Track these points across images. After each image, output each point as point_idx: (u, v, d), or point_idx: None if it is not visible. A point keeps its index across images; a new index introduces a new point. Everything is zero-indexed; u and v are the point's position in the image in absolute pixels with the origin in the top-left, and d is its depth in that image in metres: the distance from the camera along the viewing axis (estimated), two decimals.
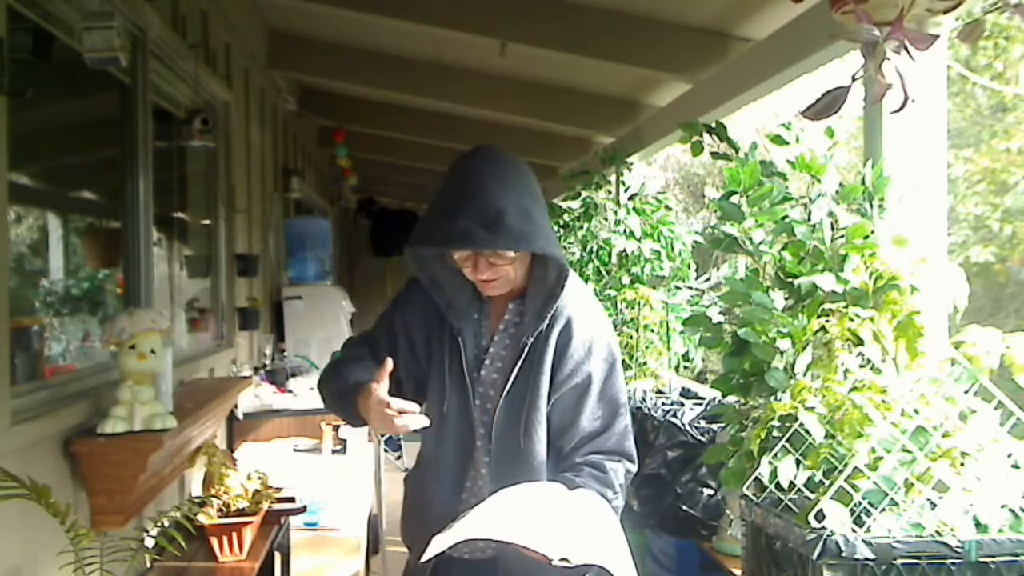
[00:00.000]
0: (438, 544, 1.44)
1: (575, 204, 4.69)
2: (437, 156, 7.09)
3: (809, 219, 1.95)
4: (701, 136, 2.39)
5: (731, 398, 2.02)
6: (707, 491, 2.58)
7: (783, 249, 1.98)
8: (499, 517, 1.46)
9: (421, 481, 1.80)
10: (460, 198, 1.61)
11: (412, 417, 1.58)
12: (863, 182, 1.97)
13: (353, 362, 1.80)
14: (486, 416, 1.72)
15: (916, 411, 1.55)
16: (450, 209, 1.61)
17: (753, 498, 1.65)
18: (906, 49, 1.28)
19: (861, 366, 1.69)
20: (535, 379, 1.68)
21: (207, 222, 4.15)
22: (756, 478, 1.62)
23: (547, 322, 1.68)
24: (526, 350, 1.68)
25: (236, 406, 3.93)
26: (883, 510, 1.45)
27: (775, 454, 1.59)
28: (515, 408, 1.68)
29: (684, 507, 2.59)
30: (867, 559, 1.39)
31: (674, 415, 2.75)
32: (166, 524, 2.12)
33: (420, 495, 1.80)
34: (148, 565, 2.29)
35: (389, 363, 1.62)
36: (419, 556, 1.68)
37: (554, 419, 1.70)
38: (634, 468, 1.74)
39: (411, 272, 1.78)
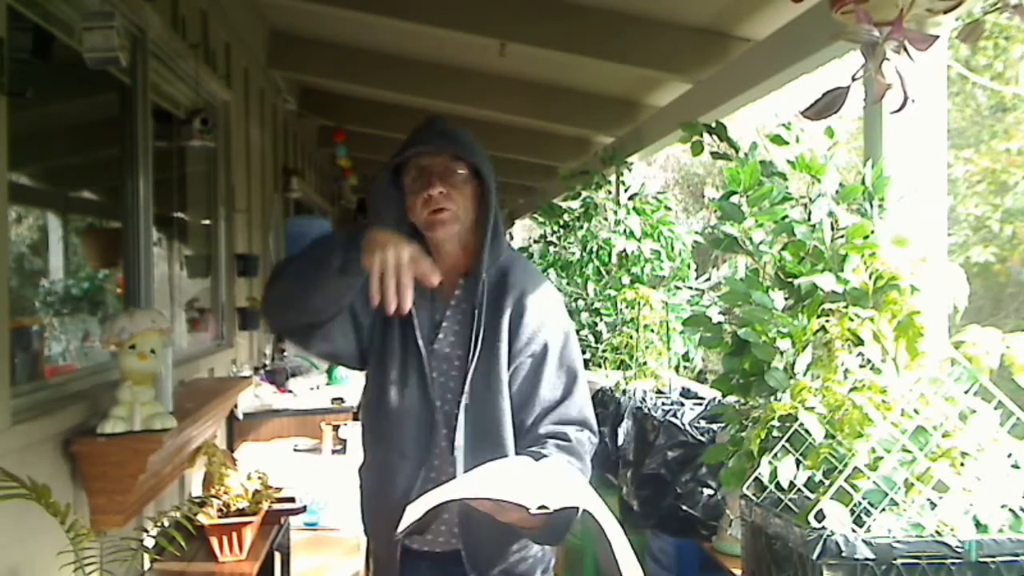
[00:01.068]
0: (411, 514, 1.42)
1: (575, 204, 4.70)
2: None
3: (809, 219, 1.95)
4: (701, 136, 2.39)
5: (731, 398, 2.01)
6: (707, 491, 2.58)
7: (783, 249, 1.98)
8: (470, 482, 1.47)
9: (382, 462, 1.77)
10: (416, 130, 1.74)
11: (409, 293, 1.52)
12: (863, 182, 1.97)
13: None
14: (444, 390, 1.72)
15: (916, 411, 1.55)
16: (414, 135, 1.73)
17: (753, 498, 1.64)
18: (906, 49, 1.28)
19: (861, 366, 1.69)
20: (493, 348, 1.69)
21: (207, 222, 4.15)
22: (756, 478, 1.62)
23: (492, 282, 1.71)
24: (478, 319, 1.70)
25: (236, 406, 3.93)
26: (883, 510, 1.45)
27: (775, 454, 1.59)
28: (476, 379, 1.68)
29: (684, 507, 2.59)
30: (867, 559, 1.39)
31: (674, 415, 2.74)
32: (166, 524, 2.12)
33: (381, 477, 1.77)
34: (148, 565, 2.30)
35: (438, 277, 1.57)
36: (386, 540, 1.72)
37: (514, 392, 1.70)
38: (596, 439, 1.75)
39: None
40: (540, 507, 1.36)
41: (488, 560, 1.68)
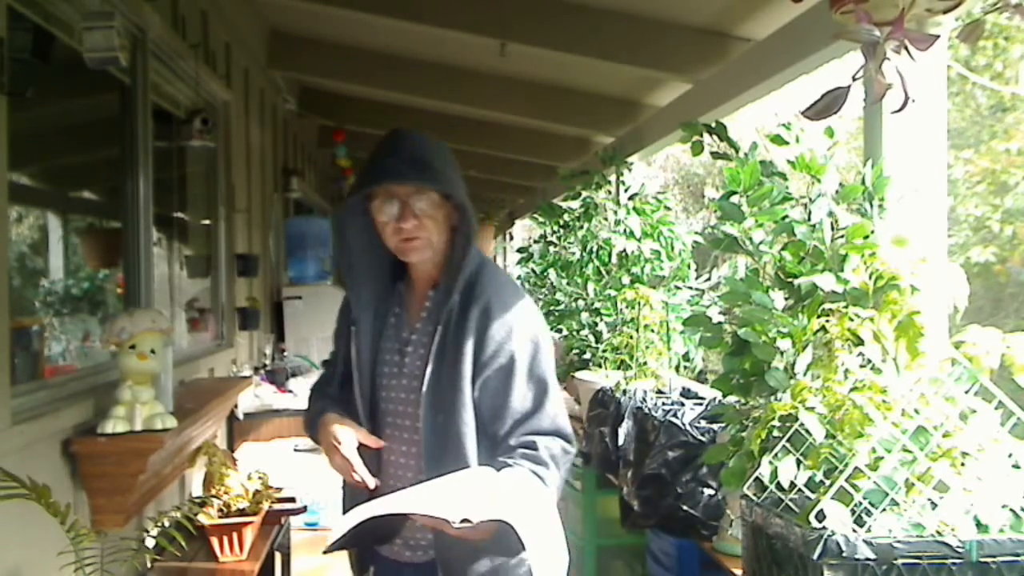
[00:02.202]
0: (338, 529, 1.45)
1: (575, 204, 4.69)
2: None
3: (809, 219, 1.95)
4: (701, 136, 2.39)
5: (731, 398, 2.01)
6: (707, 491, 2.58)
7: (783, 249, 1.98)
8: (402, 496, 1.48)
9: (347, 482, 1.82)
10: (389, 150, 1.72)
11: (366, 478, 1.68)
12: (863, 182, 1.97)
13: (322, 386, 1.93)
14: (410, 407, 1.72)
15: (916, 411, 1.55)
16: (376, 160, 1.72)
17: (753, 498, 1.64)
18: (906, 49, 1.28)
19: (861, 366, 1.69)
20: (456, 363, 1.67)
21: (207, 222, 4.15)
22: (756, 478, 1.62)
23: (459, 298, 1.69)
24: (440, 328, 1.68)
25: (236, 406, 3.93)
26: (884, 510, 1.45)
27: (775, 454, 1.59)
28: (431, 390, 1.67)
29: (684, 507, 2.58)
30: (868, 559, 1.39)
31: (674, 415, 2.74)
32: (166, 524, 2.12)
33: (347, 493, 1.81)
34: (148, 565, 2.29)
35: (379, 443, 1.73)
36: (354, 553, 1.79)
37: (484, 405, 1.68)
38: (572, 448, 1.71)
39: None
40: (463, 520, 1.38)
41: (461, 570, 1.67)
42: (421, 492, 1.50)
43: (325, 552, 1.64)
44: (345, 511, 1.78)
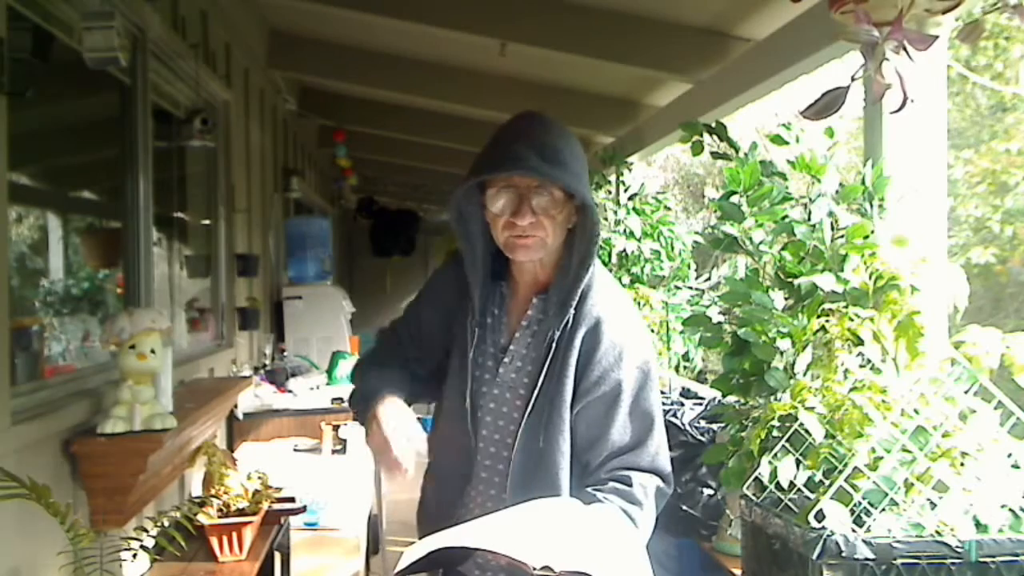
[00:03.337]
0: (408, 556, 1.35)
1: None
2: (437, 156, 7.08)
3: (809, 219, 1.95)
4: (701, 136, 2.39)
5: (731, 398, 2.02)
6: (707, 491, 2.58)
7: (783, 249, 1.98)
8: (481, 528, 1.37)
9: (426, 483, 1.71)
10: (516, 134, 1.54)
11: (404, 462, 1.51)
12: (863, 182, 1.97)
13: (378, 366, 1.73)
14: (508, 421, 1.59)
15: (916, 411, 1.55)
16: (505, 142, 1.54)
17: (753, 498, 1.65)
18: (905, 49, 1.28)
19: (861, 366, 1.69)
20: (558, 382, 1.53)
21: (207, 222, 4.15)
22: (756, 478, 1.62)
23: (572, 313, 1.53)
24: (553, 347, 1.53)
25: (236, 406, 3.94)
26: (883, 510, 1.45)
27: (775, 454, 1.59)
28: (536, 411, 1.54)
29: (684, 507, 2.59)
30: (867, 559, 1.39)
31: (674, 415, 2.75)
32: (166, 524, 2.12)
33: (424, 497, 1.72)
34: (148, 565, 2.30)
35: (425, 454, 1.59)
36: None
37: (580, 431, 1.54)
38: (668, 489, 1.58)
39: (434, 259, 1.73)
40: (544, 567, 1.27)
41: None
42: (501, 523, 1.37)
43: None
44: (422, 532, 1.65)
